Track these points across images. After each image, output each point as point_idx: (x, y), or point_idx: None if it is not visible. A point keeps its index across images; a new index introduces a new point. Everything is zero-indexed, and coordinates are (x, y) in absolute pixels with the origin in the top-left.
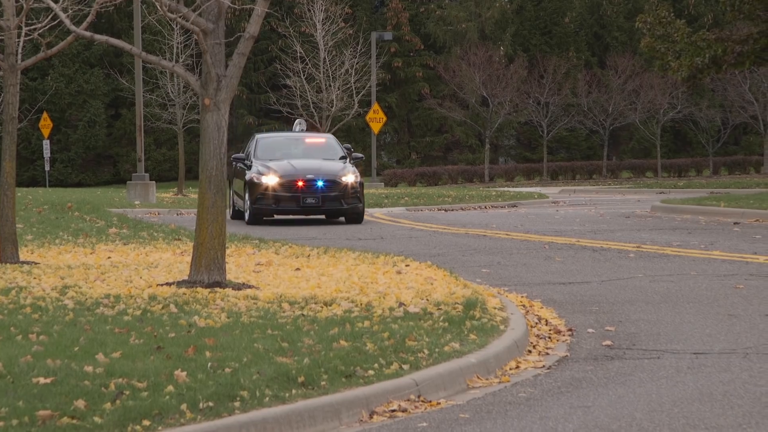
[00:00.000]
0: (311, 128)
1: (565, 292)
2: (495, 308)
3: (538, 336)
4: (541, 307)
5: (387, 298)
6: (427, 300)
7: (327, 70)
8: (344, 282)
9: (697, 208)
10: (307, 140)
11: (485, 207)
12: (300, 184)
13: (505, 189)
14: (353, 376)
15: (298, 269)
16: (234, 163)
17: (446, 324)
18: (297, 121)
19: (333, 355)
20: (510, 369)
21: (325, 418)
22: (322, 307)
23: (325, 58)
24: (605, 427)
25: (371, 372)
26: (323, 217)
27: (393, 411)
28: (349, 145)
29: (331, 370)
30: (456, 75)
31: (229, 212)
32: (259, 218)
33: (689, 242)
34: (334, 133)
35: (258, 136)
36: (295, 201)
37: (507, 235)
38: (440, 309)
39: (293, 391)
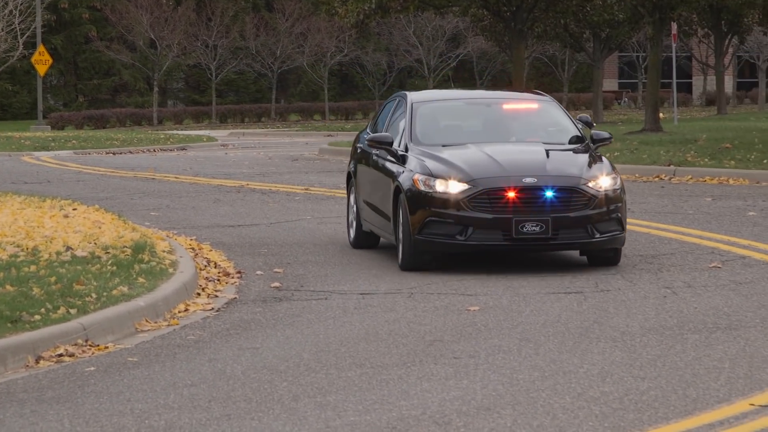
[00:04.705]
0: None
1: (234, 234)
2: (164, 251)
3: (207, 279)
4: (211, 250)
5: (54, 242)
6: (95, 244)
7: None
8: (9, 226)
9: None
10: (506, 107)
11: (154, 150)
12: (511, 195)
13: (174, 132)
14: (19, 321)
15: None
16: (360, 148)
17: (115, 268)
18: None
19: None
20: (179, 312)
21: None
22: None
23: None
24: (273, 368)
25: (38, 317)
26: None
27: (60, 356)
28: (586, 116)
29: None
30: (123, 17)
31: (349, 233)
32: (426, 258)
33: None
34: None
35: (410, 98)
36: (502, 228)
37: (176, 178)
38: (108, 253)
39: None
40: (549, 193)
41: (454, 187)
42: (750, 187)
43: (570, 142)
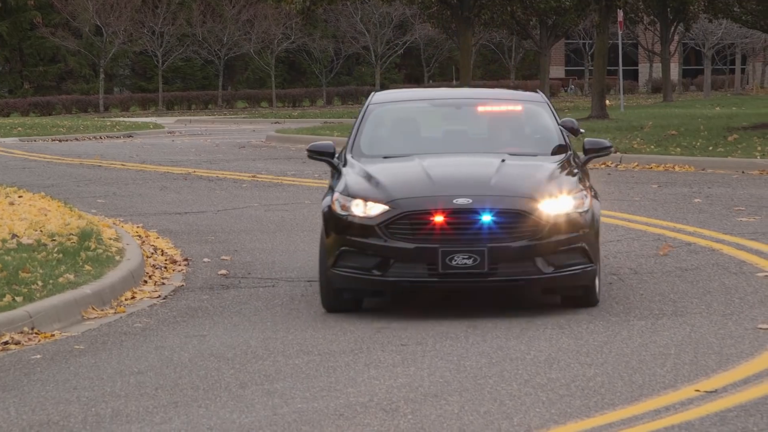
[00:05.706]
0: None
1: (182, 222)
2: (110, 239)
3: (154, 266)
4: (158, 237)
5: None
6: (41, 231)
7: None
8: None
9: (310, 137)
10: (481, 109)
11: (101, 137)
12: (438, 220)
13: (121, 119)
14: None
15: None
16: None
17: (61, 255)
18: None
19: None
20: (126, 299)
21: None
22: None
23: None
24: (220, 356)
25: None
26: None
27: (6, 344)
28: (571, 120)
29: None
30: (69, 3)
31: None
32: (345, 296)
33: (303, 171)
34: None
35: (371, 98)
36: (426, 260)
37: (123, 165)
38: (55, 240)
39: None
40: (486, 217)
41: (372, 210)
42: (695, 174)
43: (553, 153)
